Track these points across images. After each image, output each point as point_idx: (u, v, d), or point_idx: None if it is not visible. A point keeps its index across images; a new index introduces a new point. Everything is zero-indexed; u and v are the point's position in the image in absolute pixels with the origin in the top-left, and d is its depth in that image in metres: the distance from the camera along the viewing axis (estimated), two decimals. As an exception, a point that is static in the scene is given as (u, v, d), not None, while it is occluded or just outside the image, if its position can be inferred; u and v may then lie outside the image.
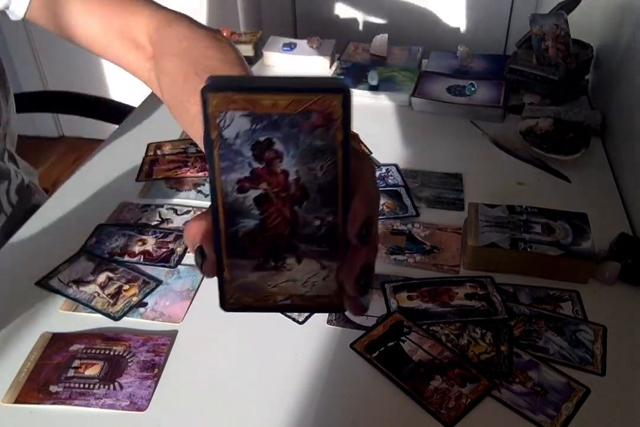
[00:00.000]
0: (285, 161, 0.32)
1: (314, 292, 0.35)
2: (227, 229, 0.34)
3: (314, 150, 0.32)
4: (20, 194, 0.88)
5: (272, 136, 0.32)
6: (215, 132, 0.31)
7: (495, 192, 0.87)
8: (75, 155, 2.39)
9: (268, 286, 0.35)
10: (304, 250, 0.34)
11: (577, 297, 0.70)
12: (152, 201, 0.86)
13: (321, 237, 0.34)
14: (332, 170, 0.32)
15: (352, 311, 0.36)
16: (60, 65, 2.29)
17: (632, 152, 0.89)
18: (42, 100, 1.37)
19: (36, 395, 0.58)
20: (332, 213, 0.33)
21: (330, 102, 0.31)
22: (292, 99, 0.31)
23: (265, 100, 0.31)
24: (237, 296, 0.35)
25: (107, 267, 0.73)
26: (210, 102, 0.31)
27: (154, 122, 1.06)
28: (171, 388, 0.60)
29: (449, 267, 0.74)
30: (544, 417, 0.56)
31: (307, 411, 0.58)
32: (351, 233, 0.33)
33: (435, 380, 0.59)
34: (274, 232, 0.34)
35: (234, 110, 0.31)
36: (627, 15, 1.02)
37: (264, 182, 0.33)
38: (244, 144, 0.32)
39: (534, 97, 1.09)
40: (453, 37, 1.83)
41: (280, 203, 0.33)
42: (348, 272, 0.34)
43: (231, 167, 0.32)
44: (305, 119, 0.31)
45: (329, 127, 0.31)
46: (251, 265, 0.34)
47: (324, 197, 0.33)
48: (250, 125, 0.31)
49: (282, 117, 0.31)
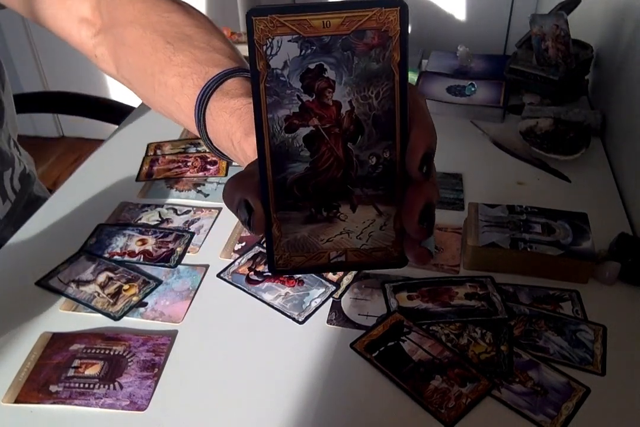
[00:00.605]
0: (337, 91, 0.30)
1: (370, 245, 0.32)
2: (274, 176, 0.31)
3: (369, 75, 0.30)
4: (22, 182, 0.88)
5: (323, 62, 0.29)
6: (262, 61, 0.29)
7: (495, 192, 0.87)
8: (75, 155, 2.39)
9: (320, 241, 0.32)
10: (359, 195, 0.31)
11: (577, 297, 0.70)
12: (152, 201, 0.86)
13: (377, 178, 0.31)
14: (389, 98, 0.30)
15: (416, 259, 0.32)
16: (60, 65, 2.29)
17: (632, 152, 0.89)
18: (42, 100, 1.37)
19: (36, 395, 0.58)
20: (390, 148, 0.31)
21: (386, 17, 0.29)
22: (345, 16, 0.29)
23: (315, 20, 0.28)
24: (287, 255, 0.32)
25: (107, 267, 0.73)
26: (256, 28, 0.29)
27: (154, 122, 1.06)
28: (171, 388, 0.60)
29: (449, 267, 0.74)
30: (544, 417, 0.56)
31: (307, 411, 0.58)
32: (413, 166, 0.30)
33: (435, 380, 0.59)
34: (326, 176, 0.31)
35: (281, 35, 0.29)
36: (627, 15, 1.02)
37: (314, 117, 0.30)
38: (292, 73, 0.29)
39: (534, 97, 1.09)
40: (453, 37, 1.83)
41: (333, 141, 0.31)
42: (409, 212, 0.31)
43: (279, 102, 0.30)
44: (359, 39, 0.29)
45: (385, 47, 0.29)
46: (301, 217, 0.32)
47: (380, 130, 0.31)
48: (300, 51, 0.29)
49: (334, 38, 0.29)
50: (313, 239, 0.32)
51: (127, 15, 0.53)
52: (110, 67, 0.57)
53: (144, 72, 0.52)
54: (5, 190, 0.83)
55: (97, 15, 0.56)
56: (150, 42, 0.51)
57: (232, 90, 0.46)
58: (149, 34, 0.51)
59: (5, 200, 0.83)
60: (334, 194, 0.31)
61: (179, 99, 0.49)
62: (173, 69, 0.49)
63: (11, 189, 0.85)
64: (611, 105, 1.03)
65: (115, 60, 0.55)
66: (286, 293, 0.69)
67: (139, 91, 0.55)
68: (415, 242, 0.32)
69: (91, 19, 0.56)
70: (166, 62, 0.49)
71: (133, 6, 0.53)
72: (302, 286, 0.70)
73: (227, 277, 0.72)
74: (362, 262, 0.33)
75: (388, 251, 0.33)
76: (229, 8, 1.97)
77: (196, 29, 0.51)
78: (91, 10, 0.56)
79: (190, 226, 0.81)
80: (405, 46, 0.29)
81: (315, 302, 0.68)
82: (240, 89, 0.46)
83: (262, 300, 0.69)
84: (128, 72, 0.54)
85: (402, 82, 0.30)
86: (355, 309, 0.68)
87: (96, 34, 0.56)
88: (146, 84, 0.52)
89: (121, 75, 0.56)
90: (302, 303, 0.68)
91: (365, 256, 0.33)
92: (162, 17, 0.52)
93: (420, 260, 0.32)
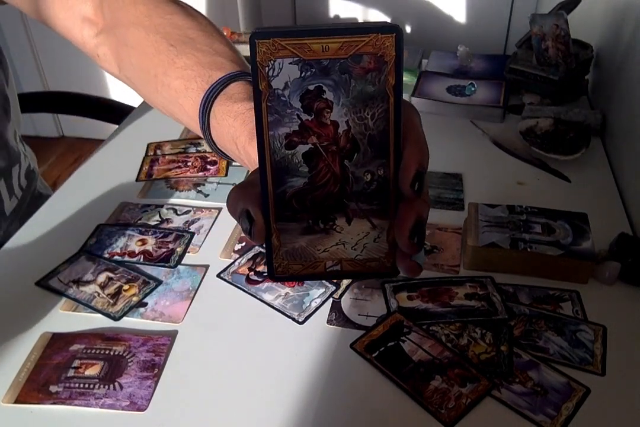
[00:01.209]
0: (335, 111, 0.31)
1: (364, 256, 0.34)
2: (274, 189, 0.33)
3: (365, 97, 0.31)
4: (27, 178, 0.88)
5: (322, 84, 0.31)
6: (264, 82, 0.31)
7: (495, 192, 0.87)
8: (75, 155, 2.39)
9: (317, 251, 0.34)
10: (354, 209, 0.33)
11: (577, 297, 0.70)
12: (152, 201, 0.86)
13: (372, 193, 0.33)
14: (384, 119, 0.32)
15: (406, 271, 0.34)
16: (60, 65, 2.29)
17: (632, 152, 0.89)
18: (42, 100, 1.37)
19: (36, 395, 0.58)
20: (384, 166, 0.33)
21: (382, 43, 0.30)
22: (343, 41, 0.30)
23: (315, 44, 0.30)
24: (286, 263, 0.34)
25: (107, 267, 0.73)
26: (259, 50, 0.30)
27: (154, 122, 1.06)
28: (171, 388, 0.60)
29: (449, 267, 0.74)
30: (544, 417, 0.56)
31: (307, 411, 0.58)
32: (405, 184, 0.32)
33: (435, 380, 0.59)
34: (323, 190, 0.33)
35: (282, 58, 0.30)
36: (627, 15, 1.02)
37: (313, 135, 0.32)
38: (293, 94, 0.31)
39: (534, 97, 1.09)
40: (453, 37, 1.83)
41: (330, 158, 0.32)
42: (400, 228, 0.32)
43: (279, 120, 0.31)
44: (356, 63, 0.31)
45: (381, 70, 0.31)
46: (299, 228, 0.34)
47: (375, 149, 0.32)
48: (300, 73, 0.31)
49: (332, 62, 0.30)
50: (310, 249, 0.34)
51: (129, 16, 0.54)
52: (112, 67, 0.57)
53: (147, 73, 0.52)
54: (13, 187, 0.83)
55: (99, 15, 0.56)
56: (153, 43, 0.51)
57: (236, 94, 0.47)
58: (152, 36, 0.52)
59: (12, 197, 0.83)
60: (331, 207, 0.33)
61: (182, 101, 0.49)
62: (176, 72, 0.49)
63: (18, 186, 0.85)
64: (611, 105, 1.03)
65: (117, 60, 0.56)
66: (286, 293, 0.69)
67: (142, 91, 0.55)
68: (406, 255, 0.34)
69: (93, 18, 0.57)
70: (169, 64, 0.50)
71: (135, 7, 0.54)
72: (302, 286, 0.70)
73: (227, 277, 0.72)
74: (357, 272, 0.35)
75: (381, 261, 0.35)
76: (229, 8, 1.97)
77: (199, 31, 0.52)
78: (94, 10, 0.57)
79: (190, 226, 0.81)
80: (400, 70, 0.31)
81: (315, 302, 0.68)
82: (244, 93, 0.47)
83: (262, 300, 0.69)
84: (130, 72, 0.55)
85: (396, 104, 0.32)
86: (355, 309, 0.68)
87: (98, 33, 0.57)
88: (149, 85, 0.53)
89: (123, 74, 0.56)
90: (302, 303, 0.68)
91: (359, 266, 0.35)
92: (164, 19, 0.52)
93: (411, 273, 0.34)
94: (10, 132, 0.82)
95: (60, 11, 0.58)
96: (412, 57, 1.25)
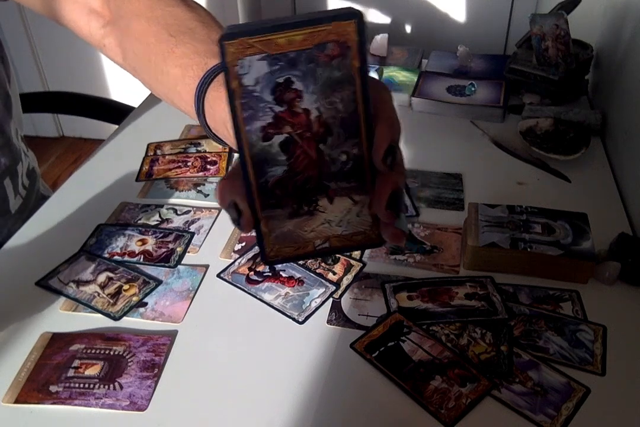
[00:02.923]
0: (305, 99, 0.33)
1: (350, 230, 0.36)
2: (257, 180, 0.34)
3: (333, 83, 0.32)
4: (29, 178, 0.89)
5: (290, 75, 0.32)
6: (236, 81, 0.32)
7: (495, 192, 0.87)
8: (75, 155, 2.39)
9: (305, 232, 0.36)
10: (334, 189, 0.35)
11: (577, 297, 0.70)
12: (152, 201, 0.86)
13: (349, 172, 0.35)
14: (352, 101, 0.33)
15: (391, 239, 0.36)
16: (60, 65, 2.29)
17: (632, 152, 0.89)
18: (42, 100, 1.37)
19: (36, 395, 0.58)
20: (357, 145, 0.34)
21: (344, 29, 0.31)
22: (307, 32, 0.31)
23: (280, 39, 0.31)
24: (277, 247, 0.36)
25: (107, 267, 0.73)
26: (228, 51, 0.31)
27: (154, 122, 1.06)
28: (171, 388, 0.60)
29: (449, 267, 0.74)
30: (544, 417, 0.56)
31: (307, 411, 0.58)
32: (377, 159, 0.33)
33: (435, 380, 0.59)
34: (303, 175, 0.34)
35: (251, 55, 0.31)
36: (627, 15, 1.02)
37: (287, 125, 0.33)
38: (264, 88, 0.32)
39: (534, 97, 1.09)
40: (453, 37, 1.83)
41: (306, 144, 0.34)
42: (377, 201, 0.34)
43: (254, 115, 0.33)
44: (320, 51, 0.32)
45: (345, 56, 0.32)
46: (285, 213, 0.35)
47: (347, 130, 0.34)
48: (269, 67, 0.32)
49: (298, 53, 0.32)
50: (298, 231, 0.36)
51: (133, 9, 0.57)
52: (117, 56, 0.60)
53: (148, 61, 0.55)
54: (18, 186, 0.84)
55: (105, 8, 0.60)
56: (154, 34, 0.54)
57: None
58: (154, 27, 0.54)
59: (16, 196, 0.84)
60: (312, 190, 0.35)
61: (180, 88, 0.51)
62: (175, 60, 0.52)
63: (21, 185, 0.85)
64: (611, 105, 1.03)
65: (122, 50, 0.59)
66: (286, 293, 0.69)
67: (145, 80, 0.58)
68: (389, 224, 0.36)
69: (100, 11, 0.60)
70: (169, 53, 0.52)
71: (139, 0, 0.57)
72: (302, 286, 0.70)
73: (227, 277, 0.72)
74: (345, 246, 0.37)
75: (366, 233, 0.36)
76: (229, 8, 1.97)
77: (197, 22, 0.54)
78: (100, 3, 0.60)
79: (190, 226, 0.81)
80: (364, 53, 0.32)
81: (315, 302, 0.68)
82: None
83: (262, 300, 0.69)
84: (134, 61, 0.58)
85: (363, 86, 0.33)
86: (355, 309, 0.68)
87: (105, 25, 0.60)
88: (150, 73, 0.56)
89: (128, 64, 0.59)
90: (302, 303, 0.68)
91: (346, 241, 0.36)
92: (165, 11, 0.55)
93: (396, 240, 0.36)
94: (12, 129, 0.83)
95: (67, 4, 0.61)
96: (412, 57, 1.25)
